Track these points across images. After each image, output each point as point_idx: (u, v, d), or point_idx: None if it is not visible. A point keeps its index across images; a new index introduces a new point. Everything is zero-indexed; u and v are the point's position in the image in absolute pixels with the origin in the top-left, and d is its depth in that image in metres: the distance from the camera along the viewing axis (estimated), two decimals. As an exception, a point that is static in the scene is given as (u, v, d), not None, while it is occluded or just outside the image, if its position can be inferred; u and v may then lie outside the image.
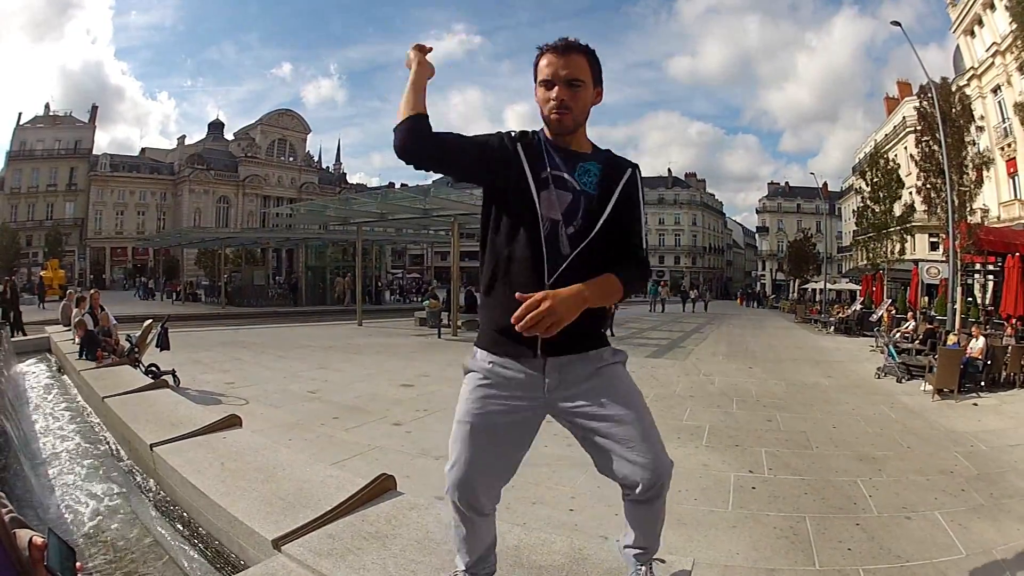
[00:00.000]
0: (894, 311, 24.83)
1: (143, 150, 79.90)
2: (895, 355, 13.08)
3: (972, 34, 32.30)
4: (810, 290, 53.03)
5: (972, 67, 31.74)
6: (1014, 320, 15.99)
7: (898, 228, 30.86)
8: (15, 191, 67.01)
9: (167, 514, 4.39)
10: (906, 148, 36.64)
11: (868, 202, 32.46)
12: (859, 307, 29.38)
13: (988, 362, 11.37)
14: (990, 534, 4.65)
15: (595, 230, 2.32)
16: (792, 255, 60.14)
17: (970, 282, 24.39)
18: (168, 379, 8.91)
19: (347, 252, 40.09)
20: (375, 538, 3.25)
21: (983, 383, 11.22)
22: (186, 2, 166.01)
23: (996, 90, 30.14)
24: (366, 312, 23.88)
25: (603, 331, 2.51)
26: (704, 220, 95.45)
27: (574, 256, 2.28)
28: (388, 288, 51.14)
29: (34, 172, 67.88)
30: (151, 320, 11.37)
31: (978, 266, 23.56)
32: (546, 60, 2.32)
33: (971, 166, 21.18)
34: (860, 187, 35.29)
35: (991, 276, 24.39)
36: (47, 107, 71.06)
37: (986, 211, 23.40)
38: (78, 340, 10.20)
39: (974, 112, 22.53)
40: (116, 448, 6.01)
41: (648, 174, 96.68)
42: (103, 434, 6.57)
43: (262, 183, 77.82)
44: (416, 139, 2.24)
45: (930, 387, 10.85)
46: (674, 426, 8.05)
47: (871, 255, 32.28)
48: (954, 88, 22.83)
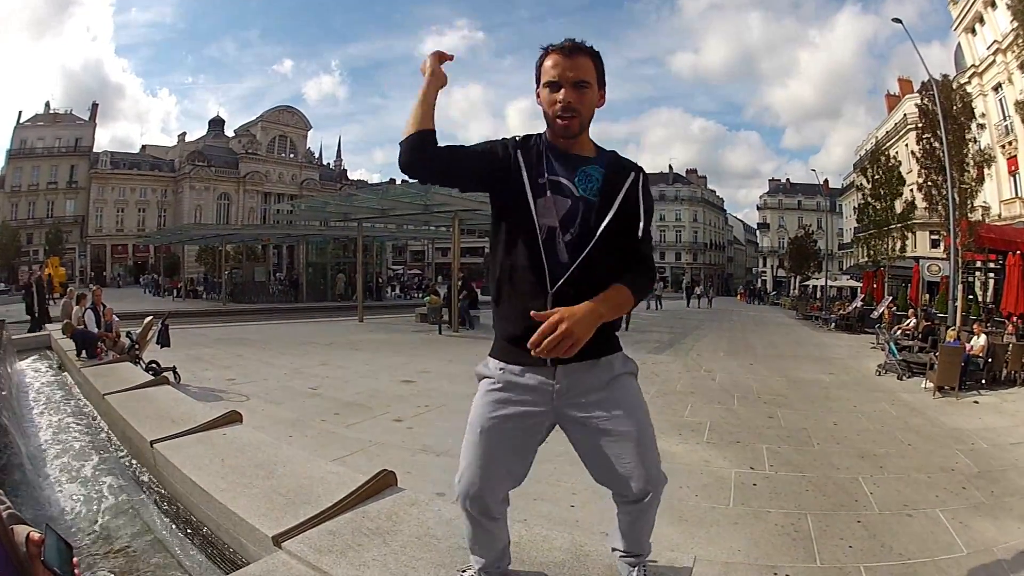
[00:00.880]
0: (895, 308, 24.84)
1: (144, 147, 79.77)
2: (896, 352, 13.08)
3: (973, 32, 32.25)
4: (811, 287, 52.97)
5: (973, 65, 31.70)
6: (1015, 318, 15.98)
7: (899, 225, 30.82)
8: (15, 189, 67.00)
9: (167, 511, 4.39)
10: (907, 145, 36.53)
11: (869, 199, 32.40)
12: (860, 304, 29.39)
13: (989, 360, 11.37)
14: (991, 532, 4.65)
15: (595, 237, 2.27)
16: (793, 252, 60.03)
17: (971, 280, 24.38)
18: (169, 376, 8.91)
19: (348, 248, 40.05)
20: (376, 534, 3.24)
21: (984, 381, 11.23)
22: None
23: (997, 88, 30.09)
24: (367, 308, 23.89)
25: (614, 335, 2.47)
26: (705, 216, 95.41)
27: (576, 265, 2.26)
28: (389, 284, 51.13)
29: (34, 170, 67.85)
30: (151, 317, 11.37)
31: (979, 264, 23.56)
32: (552, 61, 2.29)
33: (972, 164, 21.15)
34: (861, 184, 35.25)
35: (992, 274, 24.39)
36: (47, 105, 71.13)
37: (987, 209, 23.36)
38: (69, 337, 10.23)
39: (975, 110, 22.50)
40: (116, 445, 6.01)
41: (649, 170, 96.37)
42: (103, 431, 6.57)
43: (263, 180, 77.79)
44: (420, 155, 2.25)
45: (931, 384, 10.85)
46: (675, 422, 8.05)
47: (872, 252, 32.23)
48: (955, 85, 22.78)
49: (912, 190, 27.67)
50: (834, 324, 26.64)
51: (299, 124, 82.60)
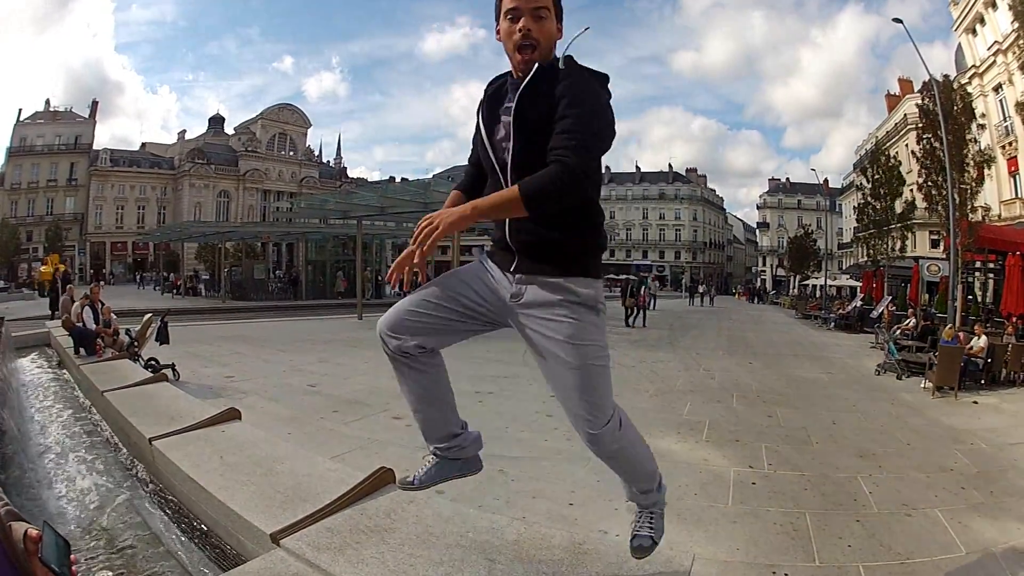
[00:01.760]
0: (894, 308, 24.85)
1: (143, 145, 79.64)
2: (895, 352, 13.09)
3: (974, 32, 32.23)
4: (810, 286, 53.02)
5: (974, 65, 31.69)
6: (1014, 319, 16.00)
7: (899, 225, 30.84)
8: (15, 187, 66.75)
9: (165, 508, 4.38)
10: (907, 145, 36.52)
11: (869, 199, 32.44)
12: (859, 304, 29.41)
13: (988, 360, 11.38)
14: (990, 532, 4.65)
15: (517, 145, 2.31)
16: (793, 251, 60.12)
17: (970, 280, 24.39)
18: (168, 373, 8.88)
19: (347, 246, 40.04)
20: (374, 532, 3.23)
21: (983, 381, 11.23)
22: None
23: (997, 89, 30.09)
24: (367, 306, 23.88)
25: (584, 261, 2.43)
26: (705, 215, 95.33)
27: (510, 176, 2.33)
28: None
29: (34, 167, 67.68)
30: (150, 314, 11.37)
31: (978, 264, 23.57)
32: None
33: (972, 164, 21.17)
34: (861, 183, 35.27)
35: (991, 274, 24.41)
36: (47, 103, 70.92)
37: (987, 210, 23.37)
38: (67, 331, 10.24)
39: (975, 110, 22.51)
40: (115, 442, 6.01)
41: (649, 169, 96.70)
42: (102, 428, 6.56)
43: (262, 177, 77.72)
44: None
45: (930, 384, 10.86)
46: (674, 421, 8.06)
47: (872, 252, 32.26)
48: (955, 86, 22.79)
49: (912, 190, 27.68)
50: (833, 323, 26.67)
51: (299, 122, 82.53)
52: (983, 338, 11.81)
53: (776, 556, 4.17)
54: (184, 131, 79.74)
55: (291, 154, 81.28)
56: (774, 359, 15.31)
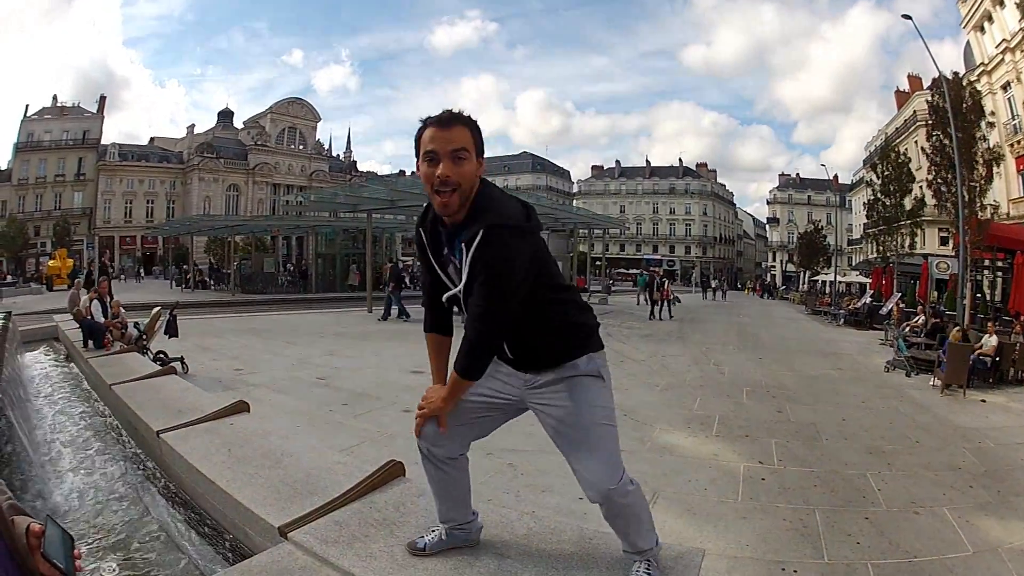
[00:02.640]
0: (903, 305, 24.75)
1: (152, 139, 79.82)
2: (904, 349, 13.03)
3: (982, 30, 31.98)
4: (820, 282, 52.82)
5: (982, 63, 31.46)
6: (1023, 317, 15.89)
7: (908, 222, 30.70)
8: (22, 182, 66.78)
9: (173, 501, 4.39)
10: (916, 142, 36.33)
11: (879, 195, 32.30)
12: (869, 300, 29.30)
13: (997, 359, 11.31)
14: (997, 532, 4.63)
15: (462, 302, 2.51)
16: (803, 247, 59.91)
17: (979, 278, 24.27)
18: (176, 366, 8.90)
19: (357, 239, 40.03)
20: (383, 525, 3.23)
21: (991, 380, 11.17)
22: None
23: (1006, 87, 29.87)
24: (376, 299, 23.85)
25: (574, 341, 2.65)
26: (714, 210, 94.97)
27: (462, 304, 2.52)
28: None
29: (41, 163, 67.65)
30: (159, 307, 11.38)
31: (987, 262, 23.45)
32: (429, 134, 2.39)
33: (981, 161, 21.05)
34: (871, 180, 35.13)
35: (1000, 273, 24.28)
36: (54, 99, 70.97)
37: (996, 208, 23.24)
38: (78, 322, 10.30)
39: (984, 108, 22.36)
40: (123, 435, 6.02)
41: (659, 164, 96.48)
42: (110, 421, 6.58)
43: (272, 171, 77.75)
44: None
45: (939, 382, 10.81)
46: (684, 416, 8.05)
47: (881, 248, 32.14)
48: (964, 83, 22.65)
49: (921, 187, 27.56)
50: (843, 320, 26.51)
51: (308, 116, 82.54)
52: (994, 337, 11.74)
53: (786, 552, 4.16)
54: (193, 125, 79.95)
55: (301, 148, 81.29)
56: (784, 354, 15.25)
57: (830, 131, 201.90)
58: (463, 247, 2.37)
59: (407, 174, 64.46)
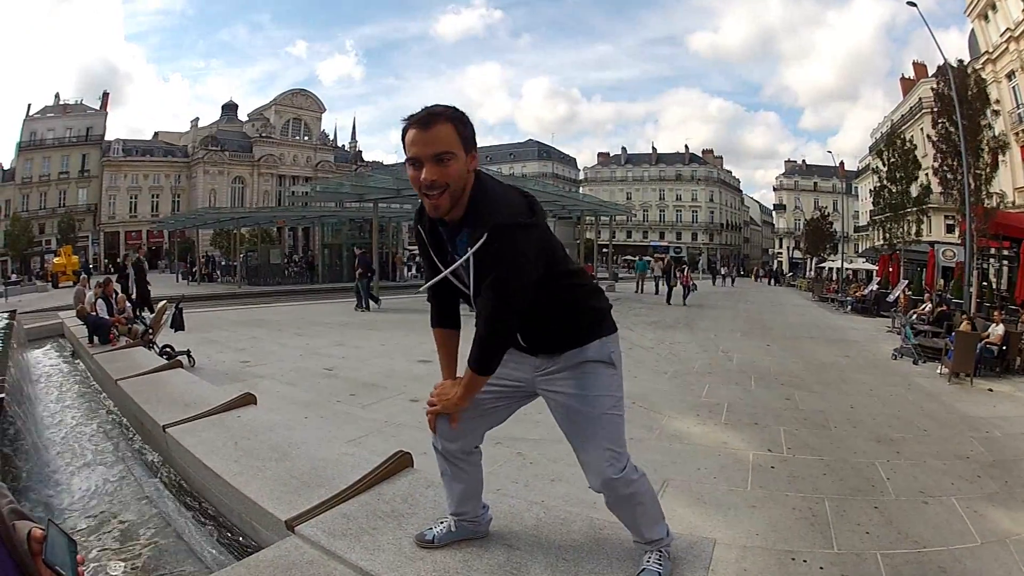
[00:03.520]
0: (910, 292, 24.68)
1: (156, 134, 79.71)
2: (911, 336, 12.99)
3: (986, 18, 31.78)
4: (827, 269, 52.67)
5: (987, 51, 31.26)
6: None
7: (914, 209, 30.58)
8: (26, 181, 66.68)
9: (180, 495, 4.38)
10: (922, 129, 36.13)
11: (885, 182, 32.14)
12: (876, 287, 29.21)
13: (1003, 347, 11.27)
14: (1004, 523, 4.60)
15: (471, 296, 2.51)
16: (809, 233, 59.81)
17: (985, 267, 24.19)
18: (183, 359, 8.89)
19: (363, 229, 40.05)
20: (391, 517, 3.22)
21: (997, 369, 11.13)
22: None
23: (1011, 75, 29.71)
24: (383, 288, 23.87)
25: (585, 328, 2.65)
26: (721, 197, 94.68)
27: (473, 298, 2.53)
28: (405, 264, 51.08)
29: (45, 161, 67.45)
30: (165, 301, 11.38)
31: (993, 251, 23.37)
32: (410, 137, 2.30)
33: (987, 149, 20.94)
34: (877, 167, 34.96)
35: (1006, 261, 24.20)
36: (57, 97, 70.84)
37: (1002, 196, 23.14)
38: (81, 319, 10.31)
39: (989, 96, 22.24)
40: (129, 430, 6.02)
41: (666, 151, 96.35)
42: (116, 416, 6.57)
43: (277, 163, 77.69)
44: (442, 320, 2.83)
45: (946, 370, 10.79)
46: (693, 403, 8.03)
47: (888, 235, 32.03)
48: (969, 71, 22.50)
49: (928, 174, 27.42)
50: (850, 307, 26.42)
51: (313, 107, 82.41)
52: (1000, 326, 11.70)
53: (795, 542, 4.13)
54: (197, 119, 79.67)
55: (306, 139, 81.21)
56: (791, 341, 15.21)
57: (837, 118, 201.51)
58: (468, 247, 2.34)
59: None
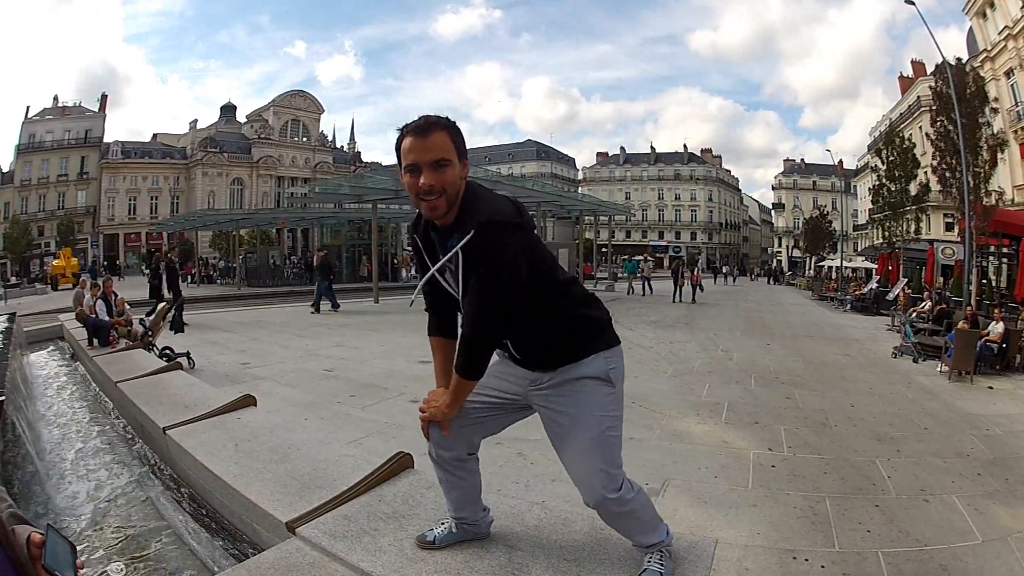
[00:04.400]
0: (910, 290, 24.70)
1: (155, 135, 79.67)
2: (911, 335, 13.00)
3: (984, 16, 31.81)
4: (826, 268, 52.69)
5: (985, 49, 31.31)
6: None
7: (913, 207, 30.61)
8: (25, 183, 66.59)
9: (180, 498, 4.38)
10: (921, 128, 36.23)
11: (884, 180, 32.17)
12: (875, 286, 29.24)
13: (1003, 345, 11.28)
14: (1005, 520, 4.61)
15: (460, 299, 2.51)
16: (808, 232, 59.91)
17: (984, 264, 24.22)
18: (183, 361, 8.89)
19: (362, 230, 40.07)
20: (392, 518, 3.21)
21: (997, 367, 11.14)
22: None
23: (1009, 73, 29.77)
24: (382, 289, 23.87)
25: (579, 344, 2.60)
26: (720, 196, 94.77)
27: (461, 303, 2.54)
28: (404, 265, 51.07)
29: (43, 163, 67.43)
30: (164, 303, 11.38)
31: (992, 248, 23.39)
32: (408, 144, 2.37)
33: (986, 147, 20.96)
34: (876, 165, 35.00)
35: (1005, 259, 24.21)
36: (55, 99, 70.81)
37: (1001, 194, 23.16)
38: (79, 322, 10.30)
39: (988, 94, 22.27)
40: (129, 432, 6.01)
41: (665, 150, 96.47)
42: (116, 419, 6.57)
43: (276, 164, 77.68)
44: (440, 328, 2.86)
45: (946, 368, 10.80)
46: (693, 402, 8.04)
47: (887, 233, 32.07)
48: (968, 69, 22.52)
49: (927, 172, 27.45)
50: (850, 305, 26.45)
51: (311, 108, 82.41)
52: (1001, 324, 11.70)
53: (796, 541, 4.14)
54: (196, 120, 79.70)
55: (304, 140, 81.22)
56: (791, 340, 15.22)
57: (836, 116, 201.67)
58: (457, 248, 2.37)
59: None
